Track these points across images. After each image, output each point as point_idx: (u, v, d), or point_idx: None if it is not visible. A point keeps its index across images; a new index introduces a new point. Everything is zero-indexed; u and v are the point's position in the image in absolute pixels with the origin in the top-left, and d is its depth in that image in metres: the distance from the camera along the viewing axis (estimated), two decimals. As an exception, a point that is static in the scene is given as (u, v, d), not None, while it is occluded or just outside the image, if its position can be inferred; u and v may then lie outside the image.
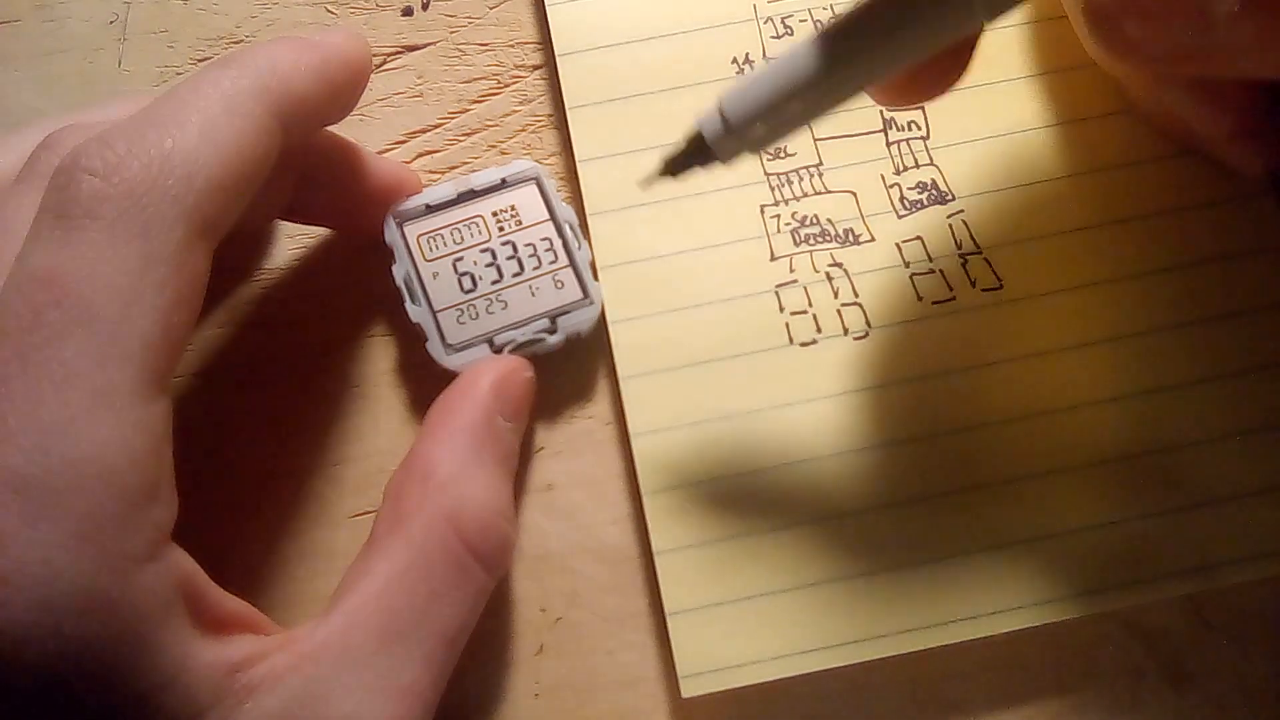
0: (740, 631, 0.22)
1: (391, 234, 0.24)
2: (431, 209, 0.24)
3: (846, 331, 0.24)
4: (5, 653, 0.15)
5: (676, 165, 0.21)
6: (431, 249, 0.24)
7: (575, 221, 0.24)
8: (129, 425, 0.16)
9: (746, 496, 0.23)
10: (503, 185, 0.24)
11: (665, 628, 0.22)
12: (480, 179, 0.24)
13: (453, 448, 0.21)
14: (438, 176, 0.26)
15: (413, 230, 0.24)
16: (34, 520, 0.15)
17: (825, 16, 0.26)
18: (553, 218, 0.24)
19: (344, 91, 0.21)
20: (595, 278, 0.24)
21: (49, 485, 0.15)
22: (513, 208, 0.24)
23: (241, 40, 0.27)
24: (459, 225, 0.24)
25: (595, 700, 0.23)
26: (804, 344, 0.24)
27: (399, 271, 0.23)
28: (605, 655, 0.23)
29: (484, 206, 0.24)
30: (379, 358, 0.25)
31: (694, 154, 0.20)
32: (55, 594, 0.15)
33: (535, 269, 0.24)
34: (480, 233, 0.24)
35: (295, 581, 0.23)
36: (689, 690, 0.22)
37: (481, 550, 0.20)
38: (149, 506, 0.16)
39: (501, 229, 0.24)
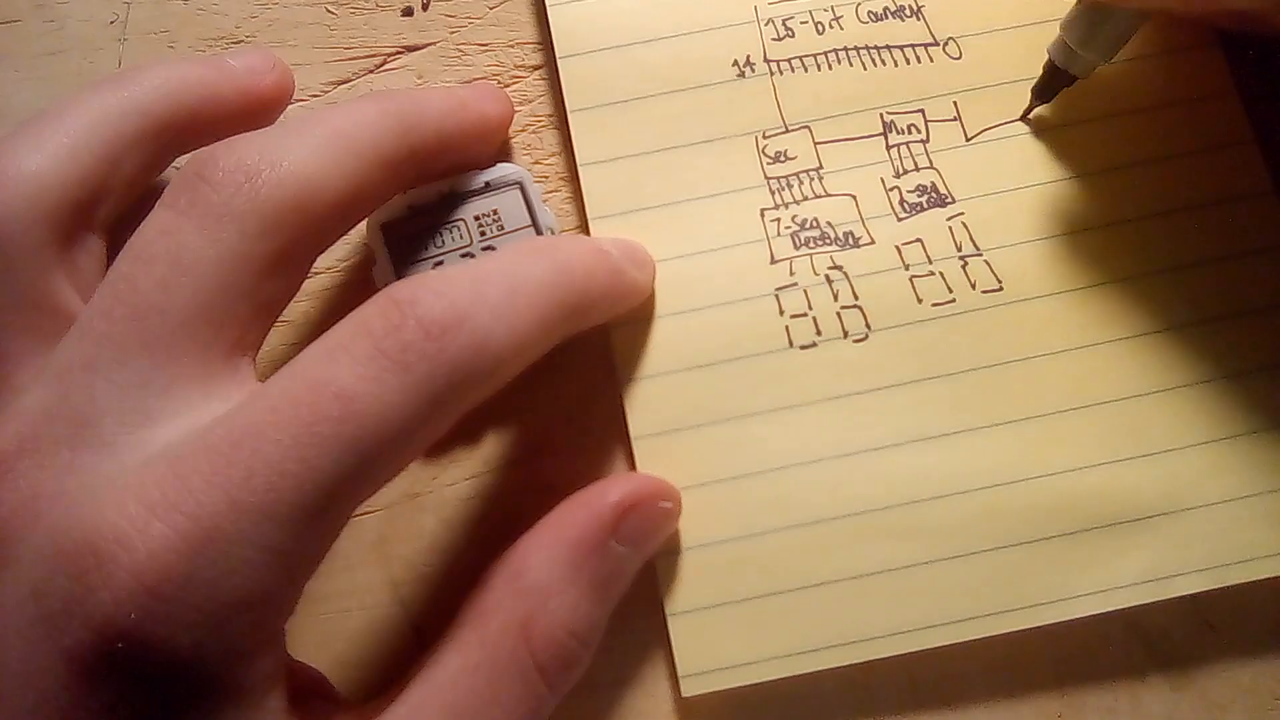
0: (740, 631, 0.22)
1: (372, 237, 0.24)
2: (414, 211, 0.24)
3: (846, 334, 0.24)
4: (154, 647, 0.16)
5: (1045, 92, 0.24)
6: (412, 253, 0.23)
7: (557, 227, 0.24)
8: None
9: (746, 498, 0.23)
10: (486, 189, 0.24)
11: (665, 628, 0.22)
12: (464, 182, 0.24)
13: (551, 557, 0.20)
14: (438, 176, 0.26)
15: (394, 233, 0.23)
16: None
17: (826, 18, 0.26)
18: (534, 223, 0.24)
19: (475, 142, 0.24)
20: None
21: None
22: (495, 212, 0.24)
23: (241, 40, 0.27)
24: (440, 229, 0.24)
25: (595, 700, 0.23)
26: (803, 347, 0.24)
27: (379, 275, 0.23)
28: (605, 655, 0.23)
29: (466, 211, 0.24)
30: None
31: (1054, 78, 0.24)
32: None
33: None
34: (461, 237, 0.24)
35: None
36: (689, 690, 0.22)
37: (546, 666, 0.19)
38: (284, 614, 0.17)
39: (483, 234, 0.24)
